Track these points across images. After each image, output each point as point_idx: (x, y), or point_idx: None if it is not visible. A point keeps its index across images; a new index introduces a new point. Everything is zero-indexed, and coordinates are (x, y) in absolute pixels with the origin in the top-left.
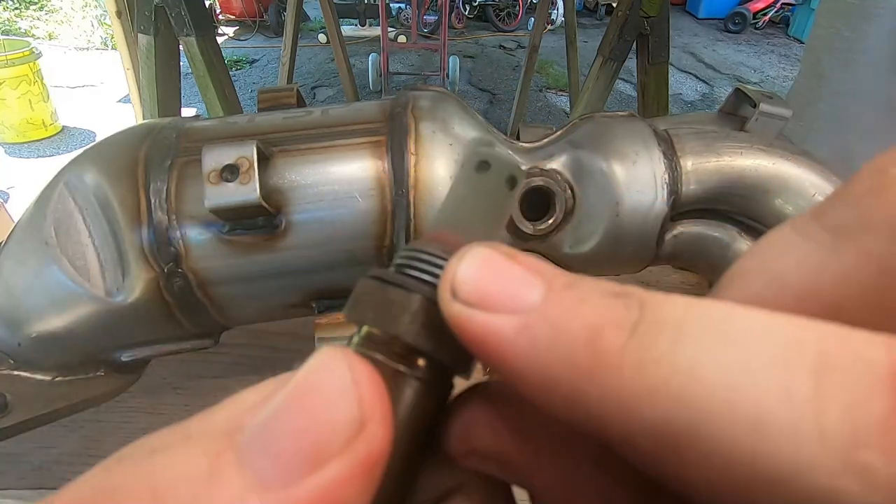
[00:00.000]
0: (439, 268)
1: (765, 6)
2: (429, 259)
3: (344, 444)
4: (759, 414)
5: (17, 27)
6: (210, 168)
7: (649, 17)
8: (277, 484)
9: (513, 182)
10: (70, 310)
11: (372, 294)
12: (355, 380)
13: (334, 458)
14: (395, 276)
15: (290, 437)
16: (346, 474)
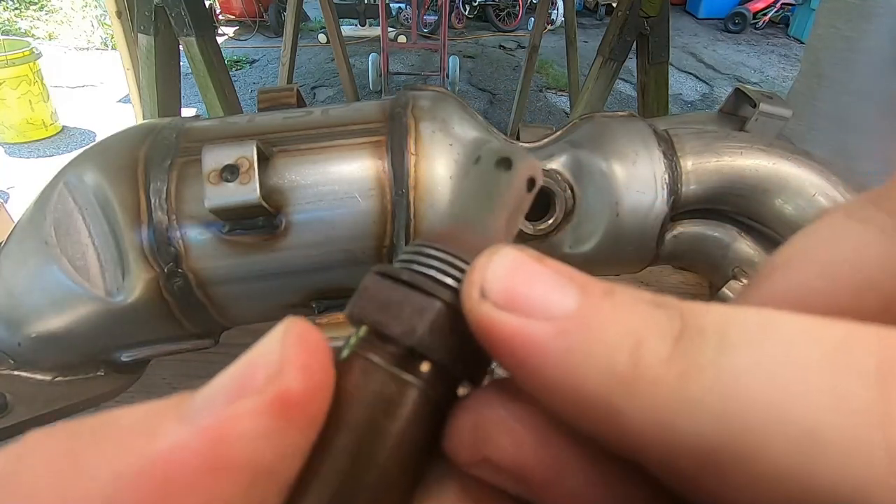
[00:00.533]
0: (454, 267)
1: (765, 6)
2: (442, 258)
3: (262, 386)
4: (813, 426)
5: (17, 27)
6: (210, 168)
7: (649, 17)
8: (199, 414)
9: (532, 183)
10: (70, 310)
11: (378, 292)
12: (285, 333)
13: (250, 394)
14: (404, 275)
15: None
16: (257, 409)
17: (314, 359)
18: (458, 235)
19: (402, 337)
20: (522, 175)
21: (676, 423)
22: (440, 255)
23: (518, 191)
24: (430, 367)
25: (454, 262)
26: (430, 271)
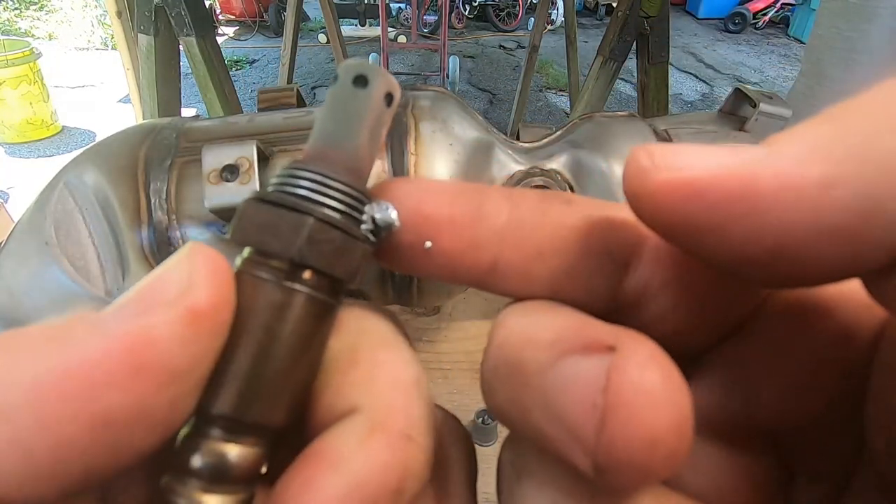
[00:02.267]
0: (321, 185)
1: (765, 6)
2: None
3: (173, 299)
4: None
5: (17, 27)
6: (210, 168)
7: (649, 17)
8: (115, 324)
9: (390, 98)
10: (70, 310)
11: (256, 216)
12: (191, 254)
13: (163, 306)
14: (276, 197)
15: (134, 295)
16: (171, 319)
17: (218, 275)
18: (324, 154)
19: (282, 252)
20: (379, 90)
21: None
22: (307, 174)
23: (377, 106)
24: (311, 275)
25: (321, 180)
26: (300, 191)
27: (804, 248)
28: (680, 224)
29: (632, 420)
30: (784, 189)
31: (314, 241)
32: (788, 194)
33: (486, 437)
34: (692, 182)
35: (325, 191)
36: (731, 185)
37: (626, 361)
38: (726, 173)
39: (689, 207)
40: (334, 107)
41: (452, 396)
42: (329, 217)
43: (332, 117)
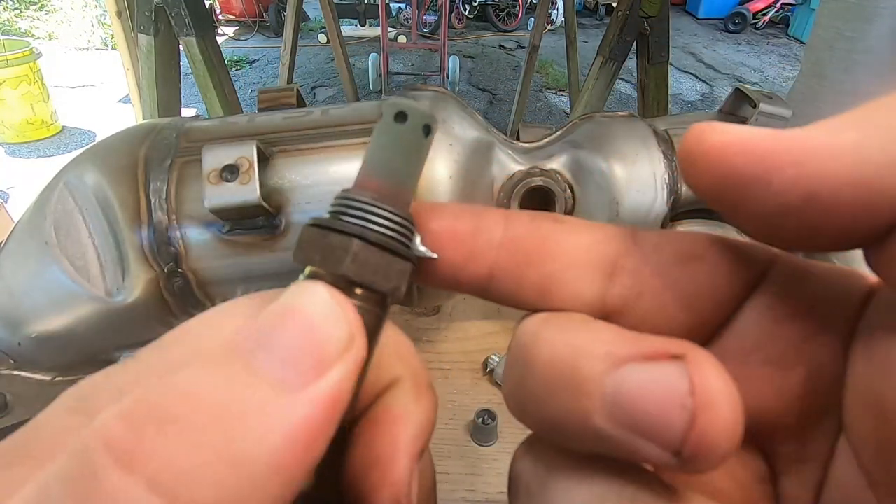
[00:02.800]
0: (369, 212)
1: (765, 6)
2: (362, 206)
3: (341, 353)
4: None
5: (17, 27)
6: (210, 168)
7: (649, 17)
8: (297, 387)
9: (427, 129)
10: (70, 310)
11: (316, 240)
12: (340, 303)
13: (335, 364)
14: (334, 223)
15: (297, 350)
16: (346, 376)
17: (358, 322)
18: (370, 183)
19: (335, 270)
20: (417, 125)
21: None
22: (355, 202)
23: (415, 139)
24: (361, 290)
25: (366, 207)
26: (349, 217)
27: (832, 197)
28: (728, 176)
29: (718, 415)
30: (821, 146)
31: (359, 261)
32: (825, 150)
33: (486, 437)
34: (744, 140)
35: (369, 216)
36: (777, 142)
37: (702, 367)
38: (773, 135)
39: (738, 160)
40: (378, 140)
41: (452, 396)
42: (373, 238)
43: (377, 149)
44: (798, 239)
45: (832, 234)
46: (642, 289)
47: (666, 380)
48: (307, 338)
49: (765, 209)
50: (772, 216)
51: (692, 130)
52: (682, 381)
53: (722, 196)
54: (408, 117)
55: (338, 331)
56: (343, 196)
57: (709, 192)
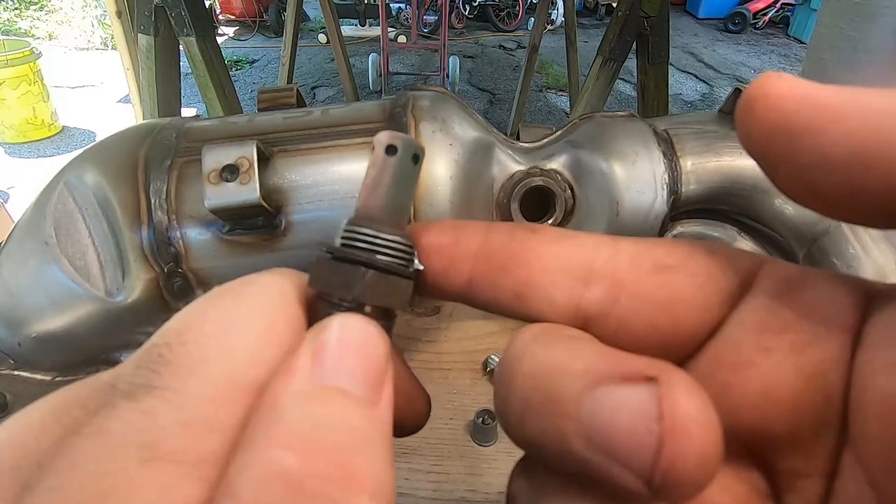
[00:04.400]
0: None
1: (765, 6)
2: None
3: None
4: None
5: (17, 27)
6: (210, 168)
7: (649, 17)
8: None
9: (416, 158)
10: (70, 310)
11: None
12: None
13: (388, 379)
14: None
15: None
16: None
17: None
18: (369, 212)
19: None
20: (406, 155)
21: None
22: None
23: (406, 168)
24: (370, 308)
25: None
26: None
27: (877, 156)
28: (782, 123)
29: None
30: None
31: (369, 287)
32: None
33: (486, 438)
34: (805, 90)
35: (373, 245)
36: (835, 96)
37: (672, 391)
38: (832, 90)
39: (795, 107)
40: (372, 172)
41: (452, 396)
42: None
43: (372, 180)
44: (836, 200)
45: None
46: (618, 295)
47: (637, 403)
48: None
49: (810, 161)
50: (815, 169)
51: (759, 77)
52: (651, 405)
53: (772, 144)
54: (398, 149)
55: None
56: (349, 227)
57: (760, 139)
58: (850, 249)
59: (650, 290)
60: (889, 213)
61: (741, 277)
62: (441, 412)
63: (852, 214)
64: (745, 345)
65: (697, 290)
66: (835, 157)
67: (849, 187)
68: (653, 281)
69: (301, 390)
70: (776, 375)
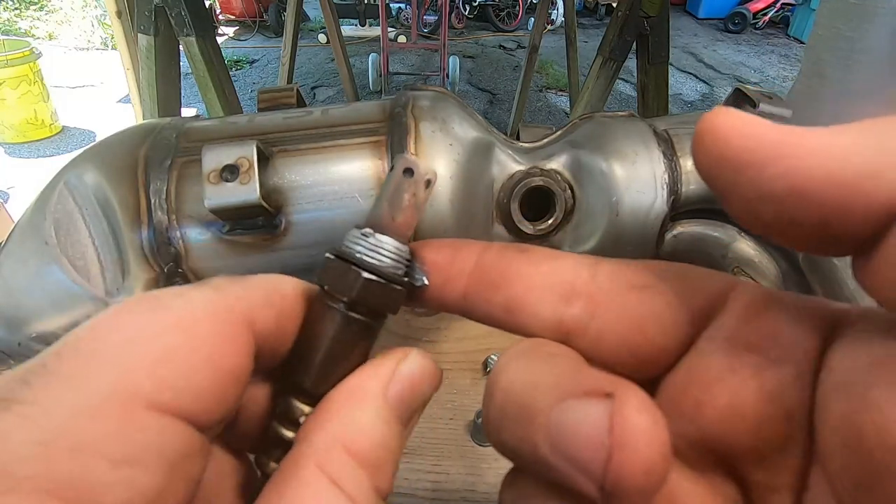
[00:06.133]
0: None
1: (765, 6)
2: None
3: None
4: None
5: (17, 27)
6: (210, 168)
7: (649, 17)
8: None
9: (429, 182)
10: (70, 310)
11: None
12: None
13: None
14: (350, 256)
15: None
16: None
17: None
18: (380, 222)
19: (346, 294)
20: (422, 178)
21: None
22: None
23: (419, 190)
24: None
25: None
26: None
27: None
28: (726, 157)
29: (633, 455)
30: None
31: (365, 290)
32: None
33: (486, 438)
34: (749, 127)
35: (375, 253)
36: (777, 134)
37: (624, 407)
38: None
39: (738, 143)
40: (388, 187)
41: (452, 396)
42: (376, 271)
43: (387, 195)
44: (776, 229)
45: (810, 231)
46: (595, 311)
47: (593, 417)
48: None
49: (750, 194)
50: (756, 202)
51: (711, 111)
52: (604, 419)
53: (718, 175)
54: (414, 173)
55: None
56: (358, 233)
57: (707, 170)
58: None
59: (624, 307)
60: (823, 241)
61: (711, 298)
62: (441, 412)
63: (792, 242)
64: (714, 363)
65: (667, 309)
66: (773, 192)
67: (787, 219)
68: (626, 299)
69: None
70: (741, 394)
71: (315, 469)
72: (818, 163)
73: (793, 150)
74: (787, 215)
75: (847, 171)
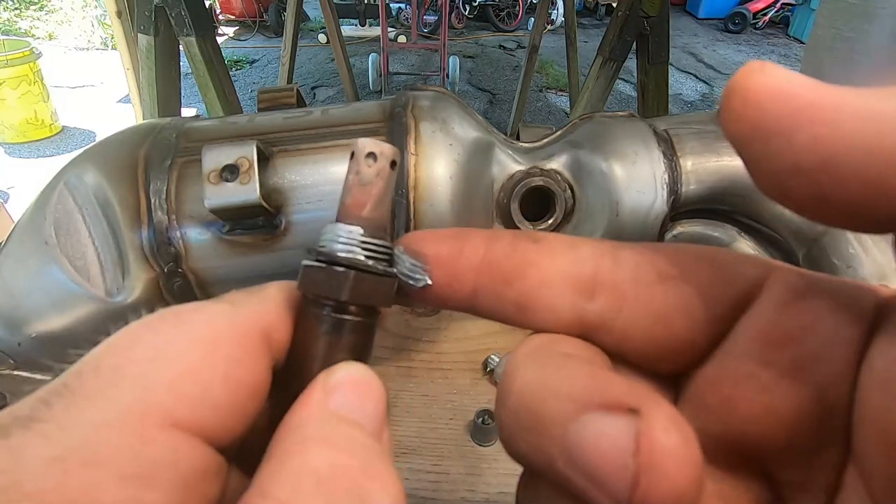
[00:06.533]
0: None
1: (765, 6)
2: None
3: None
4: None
5: (17, 27)
6: (210, 168)
7: (649, 17)
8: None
9: (394, 164)
10: (70, 310)
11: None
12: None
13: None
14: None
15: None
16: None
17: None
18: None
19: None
20: (386, 161)
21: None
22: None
23: (384, 173)
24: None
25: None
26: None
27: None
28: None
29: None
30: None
31: (354, 288)
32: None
33: (486, 437)
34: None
35: (356, 248)
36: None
37: (651, 427)
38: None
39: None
40: (351, 176)
41: (452, 396)
42: (362, 267)
43: (353, 185)
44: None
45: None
46: (621, 306)
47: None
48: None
49: (781, 166)
50: (785, 174)
51: (743, 69)
52: (629, 439)
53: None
54: (377, 157)
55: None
56: (333, 231)
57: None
58: (850, 249)
59: (653, 301)
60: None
61: (747, 286)
62: (441, 412)
63: (824, 219)
64: (748, 357)
65: (700, 301)
66: (803, 164)
67: (818, 194)
68: (655, 291)
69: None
70: (776, 390)
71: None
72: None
73: (828, 114)
74: (820, 191)
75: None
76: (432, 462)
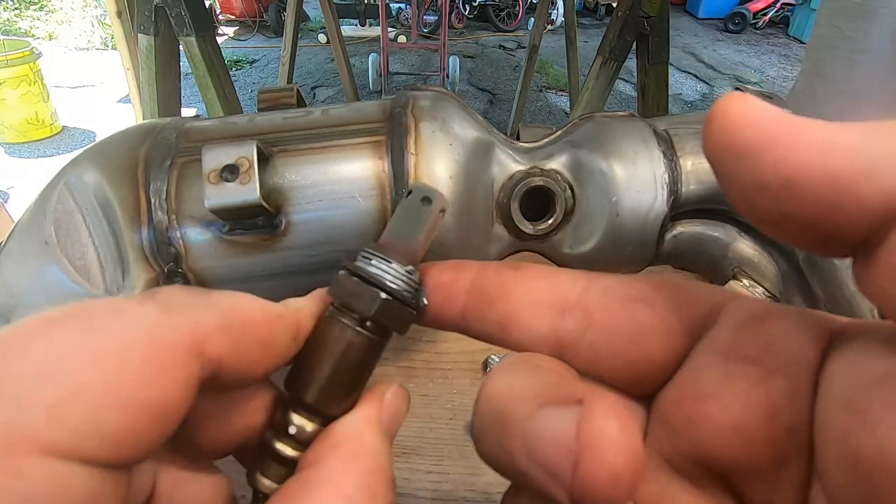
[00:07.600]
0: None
1: (765, 6)
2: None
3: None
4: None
5: (17, 27)
6: (210, 168)
7: (649, 17)
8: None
9: (443, 211)
10: None
11: (347, 283)
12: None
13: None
14: (362, 272)
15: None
16: None
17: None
18: (395, 245)
19: (363, 313)
20: (437, 208)
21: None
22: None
23: (434, 218)
24: (375, 326)
25: (390, 266)
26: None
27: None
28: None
29: (598, 461)
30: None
31: (381, 309)
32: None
33: None
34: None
35: (391, 274)
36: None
37: (592, 413)
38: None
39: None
40: (404, 213)
41: (452, 396)
42: (393, 293)
43: (403, 220)
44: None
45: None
46: (590, 325)
47: (562, 424)
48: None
49: (748, 183)
50: (752, 192)
51: (725, 96)
52: (572, 425)
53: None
54: (432, 201)
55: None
56: (375, 252)
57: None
58: None
59: (618, 321)
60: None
61: (706, 310)
62: (441, 412)
63: (787, 238)
64: (708, 376)
65: (661, 321)
66: (768, 182)
67: (780, 212)
68: (620, 312)
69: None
70: (735, 408)
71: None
72: (816, 155)
73: (793, 140)
74: (781, 208)
75: (845, 167)
76: (432, 462)
